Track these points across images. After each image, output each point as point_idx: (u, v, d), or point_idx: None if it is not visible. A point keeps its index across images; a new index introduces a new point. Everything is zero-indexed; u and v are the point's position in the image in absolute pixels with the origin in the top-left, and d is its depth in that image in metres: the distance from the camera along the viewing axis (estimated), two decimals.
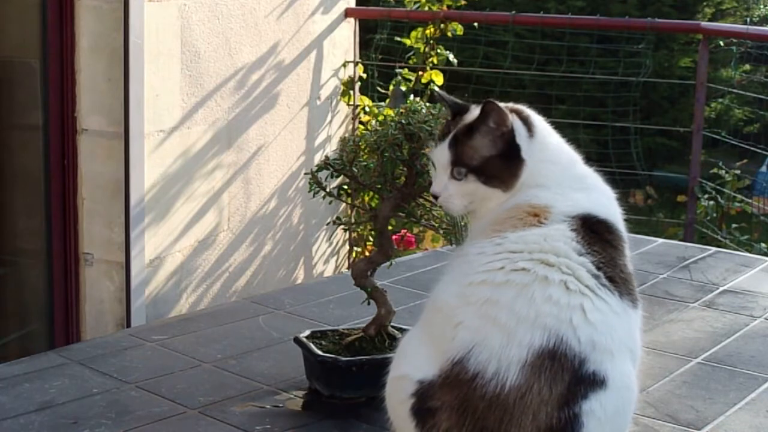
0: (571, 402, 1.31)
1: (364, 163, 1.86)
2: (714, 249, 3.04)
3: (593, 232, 1.45)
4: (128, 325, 3.52)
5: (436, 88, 1.58)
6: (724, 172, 4.97)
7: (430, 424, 1.36)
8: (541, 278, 1.37)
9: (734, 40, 6.16)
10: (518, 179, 1.51)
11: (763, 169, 7.43)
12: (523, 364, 1.31)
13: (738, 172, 5.01)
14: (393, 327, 1.94)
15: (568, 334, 1.33)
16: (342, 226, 4.61)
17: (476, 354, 1.33)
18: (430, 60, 4.91)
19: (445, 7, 4.90)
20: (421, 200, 1.88)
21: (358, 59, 4.94)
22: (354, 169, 1.86)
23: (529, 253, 1.40)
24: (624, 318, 1.41)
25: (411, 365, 1.41)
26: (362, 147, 1.86)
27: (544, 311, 1.34)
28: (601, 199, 1.53)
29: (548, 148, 1.55)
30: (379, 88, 5.06)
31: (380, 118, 4.72)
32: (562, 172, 1.53)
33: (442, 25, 4.87)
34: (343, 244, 4.94)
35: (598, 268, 1.40)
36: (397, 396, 1.42)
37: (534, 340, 1.32)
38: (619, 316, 1.40)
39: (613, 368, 1.35)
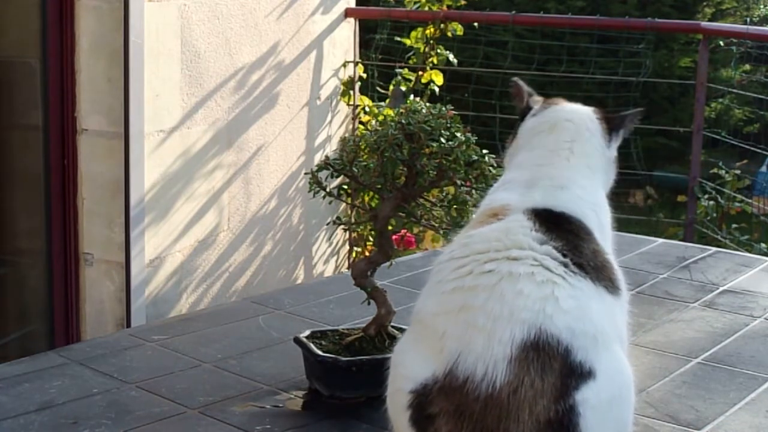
0: (565, 394, 1.32)
1: (364, 163, 1.86)
2: (714, 249, 3.04)
3: (550, 222, 1.48)
4: (128, 325, 3.51)
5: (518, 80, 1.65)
6: (724, 172, 4.97)
7: (431, 431, 1.37)
8: (506, 275, 1.39)
9: (734, 40, 6.16)
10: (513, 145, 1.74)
11: (763, 169, 7.42)
12: (509, 360, 1.33)
13: (738, 172, 5.00)
14: (393, 327, 1.94)
15: (546, 324, 1.35)
16: (342, 226, 4.61)
17: (463, 360, 1.35)
18: (430, 60, 4.91)
19: (445, 7, 4.90)
20: (421, 200, 1.88)
21: (358, 59, 4.94)
22: (354, 169, 1.86)
23: (496, 251, 1.42)
24: (600, 302, 1.42)
25: (403, 378, 1.44)
26: (362, 147, 1.86)
27: (518, 306, 1.36)
28: (564, 196, 1.55)
29: (533, 134, 1.69)
30: (379, 88, 5.05)
31: (380, 118, 4.72)
32: (528, 166, 1.61)
33: (442, 25, 4.87)
34: (343, 244, 4.93)
35: (564, 255, 1.42)
36: (396, 409, 1.45)
37: (514, 335, 1.34)
38: (594, 300, 1.41)
39: (597, 356, 1.35)
